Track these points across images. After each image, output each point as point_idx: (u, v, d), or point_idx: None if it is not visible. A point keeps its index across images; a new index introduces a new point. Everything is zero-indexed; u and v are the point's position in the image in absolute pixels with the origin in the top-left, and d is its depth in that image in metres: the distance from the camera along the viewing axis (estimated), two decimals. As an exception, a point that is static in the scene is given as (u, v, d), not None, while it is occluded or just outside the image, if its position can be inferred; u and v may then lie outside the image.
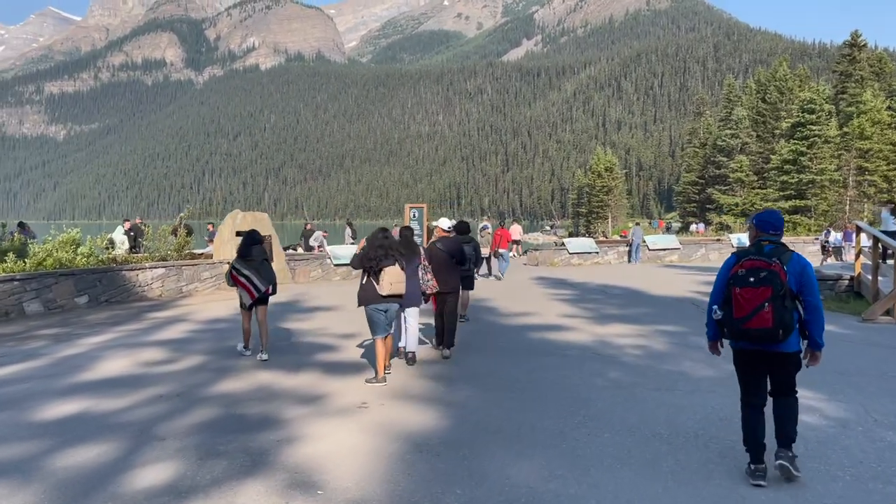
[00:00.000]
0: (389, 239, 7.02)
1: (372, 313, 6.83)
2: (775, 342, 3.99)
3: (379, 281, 6.76)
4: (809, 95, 37.20)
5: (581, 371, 7.09)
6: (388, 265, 6.80)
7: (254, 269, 8.05)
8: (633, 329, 9.73)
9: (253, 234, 8.50)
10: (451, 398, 6.08)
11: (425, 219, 19.77)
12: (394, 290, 6.78)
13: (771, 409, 4.29)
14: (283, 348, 8.67)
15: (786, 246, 4.20)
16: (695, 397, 6.04)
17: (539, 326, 10.11)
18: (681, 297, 13.60)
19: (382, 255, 6.82)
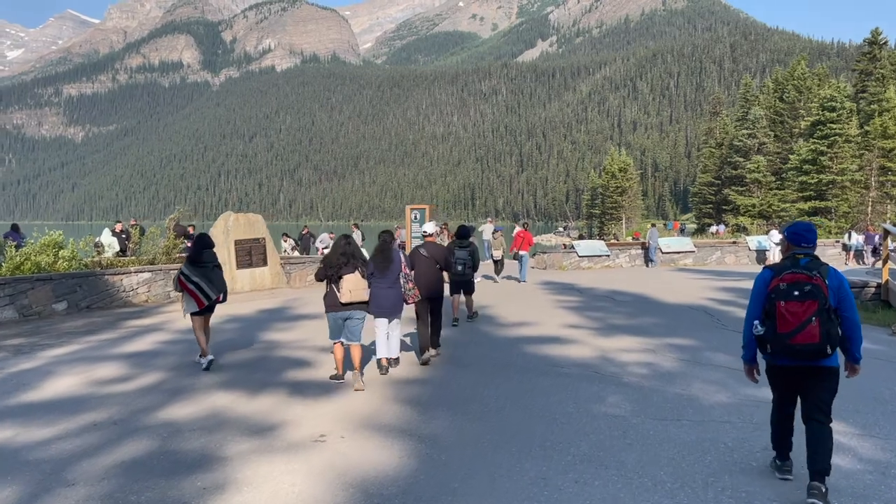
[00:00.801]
0: (352, 246, 6.96)
1: (330, 320, 6.88)
2: (822, 357, 3.92)
3: (339, 288, 6.70)
4: (830, 93, 35.84)
5: (577, 395, 6.27)
6: (348, 272, 6.74)
7: (204, 275, 7.57)
8: (639, 342, 8.88)
9: (203, 237, 8.07)
10: (424, 430, 5.29)
11: (427, 219, 18.96)
12: (353, 298, 6.71)
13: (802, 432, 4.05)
14: (252, 363, 7.92)
15: (819, 259, 4.10)
16: (706, 430, 5.21)
17: (537, 339, 9.29)
18: (694, 304, 12.71)
19: (343, 263, 6.76)
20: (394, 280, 7.38)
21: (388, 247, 7.55)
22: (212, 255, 7.83)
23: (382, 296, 7.29)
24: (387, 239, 7.66)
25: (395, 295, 7.38)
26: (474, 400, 6.15)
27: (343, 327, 6.86)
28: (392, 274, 7.37)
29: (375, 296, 7.21)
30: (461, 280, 10.84)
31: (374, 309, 7.25)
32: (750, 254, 25.54)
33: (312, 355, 8.33)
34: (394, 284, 7.38)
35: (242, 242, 16.21)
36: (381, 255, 7.41)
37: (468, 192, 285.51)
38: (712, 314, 11.35)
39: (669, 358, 7.87)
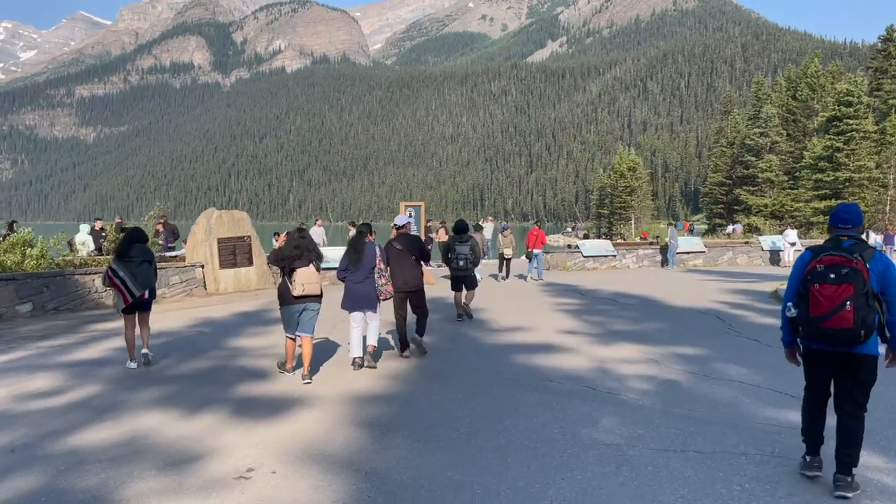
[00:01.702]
0: (306, 239, 6.88)
1: (284, 313, 6.87)
2: (856, 343, 3.77)
3: (292, 281, 6.65)
4: (846, 87, 34.53)
5: (566, 416, 5.36)
6: (301, 266, 6.67)
7: (129, 271, 7.29)
8: (642, 351, 7.94)
9: (133, 232, 7.83)
10: (375, 462, 4.38)
11: (423, 218, 18.08)
12: (307, 291, 6.66)
13: None
14: (204, 375, 7.05)
15: (865, 242, 3.99)
16: (717, 465, 4.28)
17: (530, 346, 8.37)
18: (704, 308, 11.75)
19: (297, 256, 6.68)
20: (367, 274, 7.29)
21: (361, 240, 7.44)
22: (142, 250, 7.51)
23: (355, 290, 7.27)
24: (363, 231, 7.62)
25: (368, 289, 7.29)
26: (444, 422, 5.25)
27: (296, 320, 6.77)
28: (365, 268, 7.27)
29: (348, 290, 7.28)
30: (463, 275, 10.77)
31: (347, 303, 7.29)
32: (763, 254, 24.52)
33: (274, 365, 7.45)
34: (366, 279, 7.29)
35: (226, 241, 15.38)
36: (353, 248, 7.36)
37: (477, 193, 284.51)
38: (724, 319, 10.40)
39: (675, 370, 6.94)
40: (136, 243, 7.51)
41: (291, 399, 5.99)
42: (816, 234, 31.75)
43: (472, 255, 10.64)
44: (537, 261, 18.22)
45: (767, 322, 10.12)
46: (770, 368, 6.96)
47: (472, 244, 10.74)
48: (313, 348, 6.89)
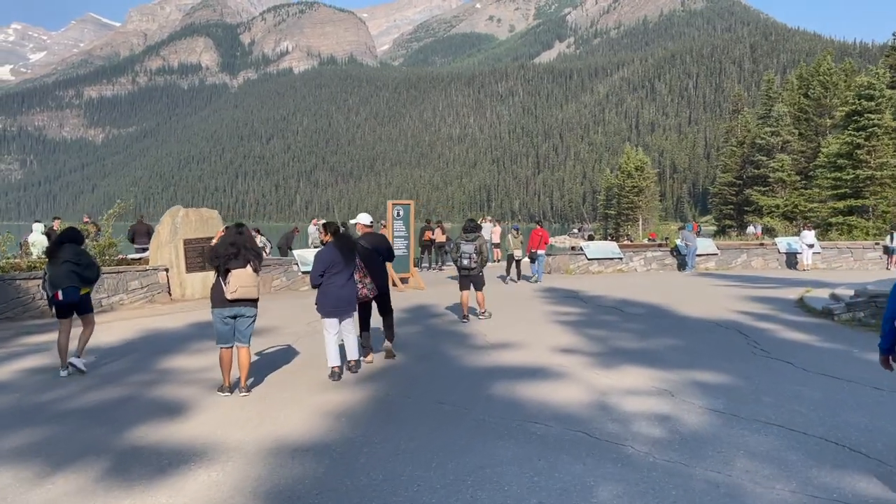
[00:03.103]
0: (244, 236, 6.17)
1: (216, 319, 6.09)
2: None
3: (226, 283, 5.95)
4: (867, 80, 32.80)
5: (549, 482, 3.94)
6: (237, 266, 5.98)
7: (52, 271, 6.98)
8: (652, 378, 6.52)
9: (66, 232, 7.44)
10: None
11: (412, 218, 16.67)
12: (241, 294, 5.96)
13: None
14: (107, 408, 5.67)
15: None
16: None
17: (517, 370, 6.96)
18: (721, 319, 10.29)
19: (233, 254, 6.00)
20: (349, 276, 6.84)
21: (350, 237, 7.10)
22: (73, 251, 7.06)
23: (339, 293, 6.72)
24: (341, 229, 7.12)
25: (351, 292, 6.85)
26: (380, 492, 3.84)
27: (232, 327, 6.08)
28: (350, 268, 6.84)
29: (330, 293, 6.68)
30: (468, 275, 10.49)
31: (328, 308, 6.71)
32: (780, 257, 22.97)
33: (200, 394, 6.07)
34: (349, 280, 6.84)
35: (193, 242, 14.02)
36: (345, 248, 6.81)
37: (484, 194, 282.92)
38: (747, 334, 8.93)
39: (695, 407, 5.51)
40: (67, 243, 7.15)
41: (194, 449, 4.60)
42: (835, 236, 30.16)
43: (479, 255, 10.32)
44: (540, 261, 17.71)
45: (799, 338, 8.66)
46: (814, 404, 5.53)
47: (480, 243, 10.42)
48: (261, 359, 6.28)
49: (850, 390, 6.01)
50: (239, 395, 6.02)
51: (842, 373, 6.65)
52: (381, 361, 7.54)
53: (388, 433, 4.88)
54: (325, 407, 5.63)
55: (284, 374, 6.97)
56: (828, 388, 6.06)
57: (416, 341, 8.87)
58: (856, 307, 10.06)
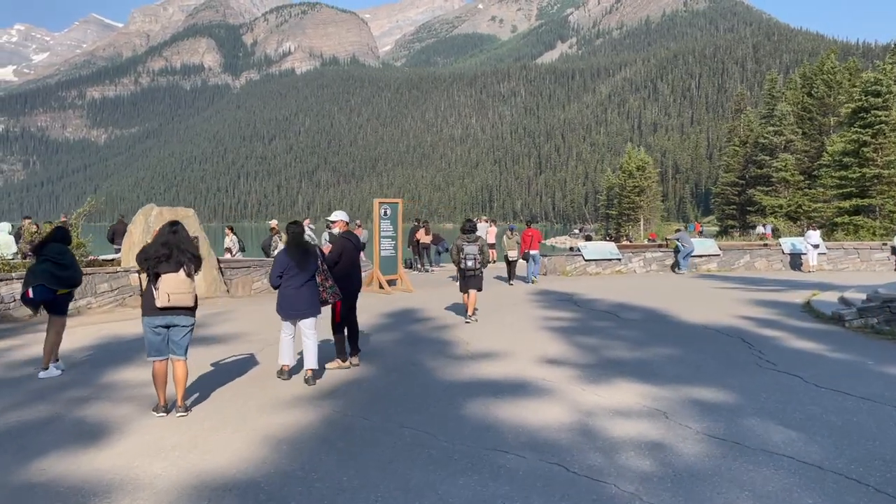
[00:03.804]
0: (179, 235, 5.49)
1: (146, 329, 5.42)
2: None
3: (156, 288, 5.30)
4: (874, 76, 31.88)
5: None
6: (168, 270, 5.31)
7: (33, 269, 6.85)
8: (644, 395, 5.81)
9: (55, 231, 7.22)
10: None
11: (400, 218, 15.97)
12: (174, 302, 5.30)
13: None
14: (17, 433, 4.96)
15: None
16: None
17: (495, 385, 6.26)
18: (723, 326, 9.57)
19: (164, 256, 5.32)
20: (310, 276, 6.50)
21: (304, 240, 6.68)
22: (55, 251, 6.89)
23: (297, 295, 6.42)
24: (298, 231, 6.74)
25: (311, 294, 6.49)
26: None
27: (165, 338, 5.42)
28: (308, 270, 6.48)
29: (288, 296, 6.43)
30: (472, 276, 10.39)
31: (287, 311, 6.45)
32: (784, 258, 22.23)
33: (134, 414, 5.39)
34: (308, 282, 6.48)
35: (168, 242, 13.34)
36: (300, 249, 6.50)
37: (486, 194, 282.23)
38: (751, 343, 8.21)
39: (691, 433, 4.80)
40: (52, 242, 7.02)
41: (99, 486, 3.89)
42: (841, 236, 29.38)
43: (481, 256, 10.35)
44: (535, 261, 17.44)
45: (807, 348, 7.94)
46: (830, 430, 4.82)
47: (481, 244, 10.42)
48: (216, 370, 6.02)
49: (868, 411, 5.30)
50: (175, 415, 5.33)
51: (858, 389, 5.94)
52: (348, 373, 6.85)
53: (332, 466, 4.18)
54: (269, 430, 4.93)
55: (236, 388, 6.28)
56: (844, 409, 5.35)
57: (393, 350, 8.19)
58: (868, 312, 9.34)
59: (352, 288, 7.25)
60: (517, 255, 17.27)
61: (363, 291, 15.48)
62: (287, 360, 6.57)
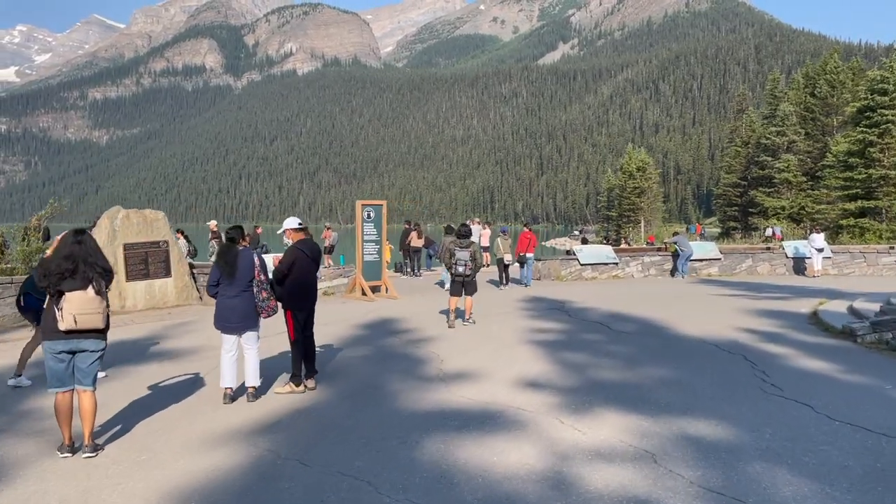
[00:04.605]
0: (85, 246, 4.73)
1: (47, 355, 4.64)
2: None
3: (60, 308, 4.54)
4: (880, 73, 30.97)
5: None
6: (73, 287, 4.56)
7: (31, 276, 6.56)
8: (631, 430, 5.03)
9: None
10: None
11: (384, 220, 15.19)
12: (81, 325, 4.55)
13: None
14: None
15: None
16: None
17: (464, 415, 5.50)
18: (724, 341, 8.77)
19: (68, 271, 4.57)
20: (244, 287, 6.00)
21: (232, 249, 6.10)
22: None
23: (229, 306, 6.00)
24: (234, 237, 6.19)
25: (245, 305, 6.02)
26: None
27: (69, 365, 4.66)
28: (241, 280, 5.99)
29: (220, 307, 6.04)
30: (464, 281, 10.36)
31: (220, 322, 6.05)
32: (787, 262, 21.44)
33: (36, 454, 4.63)
34: (243, 292, 6.00)
35: (136, 247, 12.60)
36: (223, 258, 6.04)
37: (487, 195, 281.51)
38: (755, 362, 7.42)
39: (683, 485, 4.01)
40: None
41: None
42: (846, 239, 28.53)
43: (473, 262, 10.27)
44: (528, 265, 17.01)
45: (817, 368, 7.14)
46: (850, 482, 4.03)
47: (474, 249, 10.36)
48: (152, 394, 5.58)
49: (894, 453, 4.52)
50: (82, 455, 4.57)
51: (878, 422, 5.16)
52: (300, 399, 6.09)
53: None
54: (184, 479, 4.16)
55: (167, 418, 5.52)
56: (864, 450, 4.57)
57: (358, 369, 7.42)
58: (882, 326, 8.55)
59: (306, 303, 6.50)
60: (511, 257, 16.78)
61: (344, 298, 14.84)
62: (228, 383, 6.04)
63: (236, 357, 6.16)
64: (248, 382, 6.07)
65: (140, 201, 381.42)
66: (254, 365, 6.09)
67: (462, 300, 10.55)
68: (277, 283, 6.43)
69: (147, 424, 5.35)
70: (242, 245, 6.32)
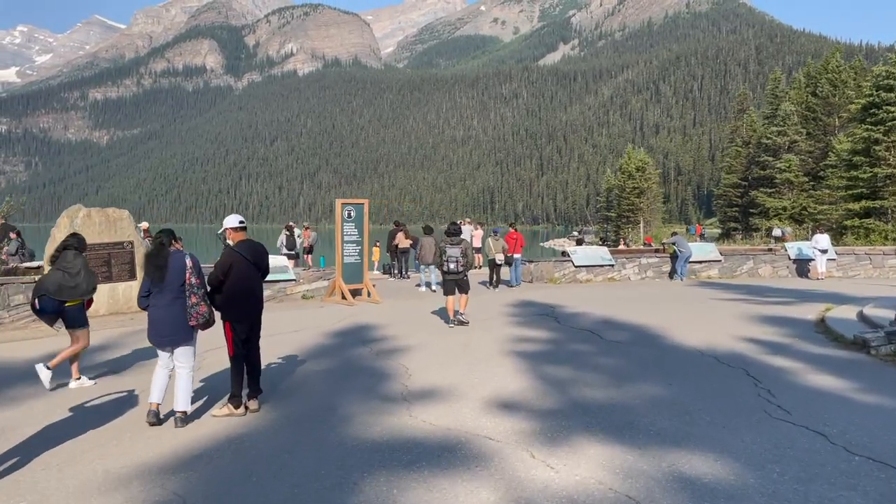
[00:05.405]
0: None
1: None
2: None
3: None
4: (886, 69, 30.09)
5: None
6: None
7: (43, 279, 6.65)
8: (613, 469, 4.24)
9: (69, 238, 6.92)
10: None
11: (366, 220, 14.41)
12: None
13: None
14: None
15: None
16: None
17: (422, 447, 4.72)
18: (724, 352, 7.98)
19: None
20: (176, 294, 5.42)
21: (163, 252, 5.50)
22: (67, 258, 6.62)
23: (159, 318, 5.44)
24: (163, 241, 5.57)
25: (177, 315, 5.42)
26: None
27: None
28: (171, 287, 5.43)
29: (151, 318, 5.49)
30: (455, 280, 10.30)
31: (151, 335, 5.51)
32: (790, 264, 20.66)
33: None
34: (175, 301, 5.43)
35: (97, 248, 11.82)
36: (152, 263, 5.47)
37: (487, 196, 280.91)
38: (758, 379, 6.62)
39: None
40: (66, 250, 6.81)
41: None
42: (851, 240, 27.73)
43: (464, 259, 10.24)
44: (516, 265, 16.92)
45: (828, 386, 6.34)
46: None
47: (464, 247, 10.33)
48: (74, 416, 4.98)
49: (928, 500, 3.73)
50: None
51: (905, 457, 4.37)
52: (236, 424, 5.32)
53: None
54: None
55: (74, 449, 4.74)
56: (894, 497, 3.79)
57: (314, 386, 6.63)
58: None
59: (247, 313, 5.72)
60: (503, 258, 16.16)
61: (323, 302, 14.06)
62: (156, 398, 5.44)
63: (169, 373, 5.53)
64: (177, 406, 5.39)
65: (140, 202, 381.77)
66: (184, 387, 5.42)
67: (457, 298, 10.44)
68: (214, 290, 5.68)
69: (50, 457, 4.58)
70: (175, 248, 5.59)
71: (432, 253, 15.26)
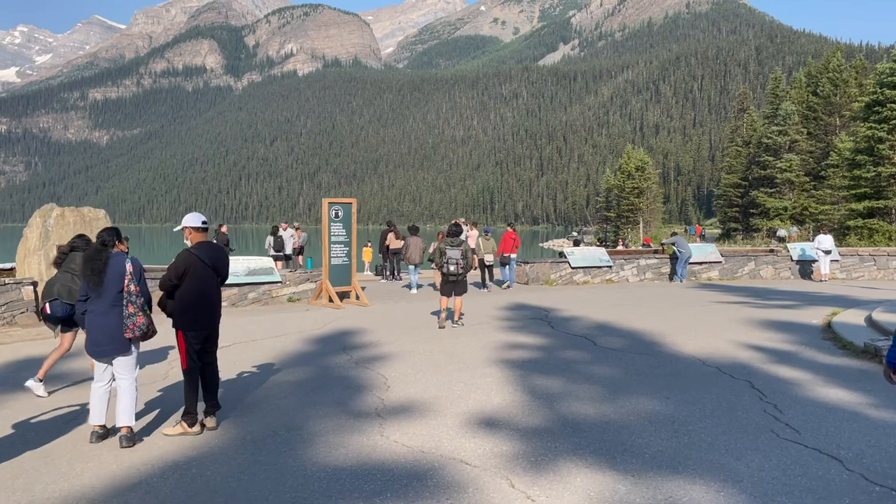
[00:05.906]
0: None
1: None
2: None
3: None
4: (890, 66, 29.59)
5: None
6: None
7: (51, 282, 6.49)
8: (604, 500, 3.75)
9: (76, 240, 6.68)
10: None
11: (354, 219, 13.91)
12: None
13: None
14: None
15: None
16: None
17: (386, 474, 4.22)
18: (725, 360, 7.49)
19: None
20: (114, 301, 4.92)
21: (102, 254, 5.00)
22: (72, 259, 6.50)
23: (96, 326, 4.92)
24: (106, 241, 5.09)
25: (114, 324, 4.91)
26: None
27: None
28: (109, 293, 4.92)
29: (89, 326, 4.97)
30: (455, 281, 10.17)
31: (88, 346, 4.99)
32: (792, 266, 20.17)
33: None
34: (113, 308, 4.92)
35: (71, 250, 11.32)
36: (88, 263, 4.96)
37: (487, 196, 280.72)
38: (763, 392, 6.12)
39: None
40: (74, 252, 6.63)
41: None
42: (854, 241, 27.26)
43: (464, 261, 10.10)
44: (511, 266, 16.63)
45: (839, 400, 5.84)
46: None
47: (465, 249, 10.19)
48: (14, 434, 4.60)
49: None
50: None
51: (931, 487, 3.88)
52: (188, 444, 4.82)
53: None
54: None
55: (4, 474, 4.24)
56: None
57: (282, 399, 6.12)
58: (912, 345, 7.25)
59: (202, 321, 5.22)
60: (493, 258, 15.83)
61: (309, 305, 13.57)
62: (97, 419, 4.97)
63: (109, 388, 5.03)
64: (120, 422, 4.87)
65: (140, 202, 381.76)
66: (128, 399, 4.90)
67: (452, 300, 10.35)
68: (167, 295, 5.19)
69: (-28, 485, 4.08)
70: (119, 249, 5.11)
71: (419, 253, 14.95)
